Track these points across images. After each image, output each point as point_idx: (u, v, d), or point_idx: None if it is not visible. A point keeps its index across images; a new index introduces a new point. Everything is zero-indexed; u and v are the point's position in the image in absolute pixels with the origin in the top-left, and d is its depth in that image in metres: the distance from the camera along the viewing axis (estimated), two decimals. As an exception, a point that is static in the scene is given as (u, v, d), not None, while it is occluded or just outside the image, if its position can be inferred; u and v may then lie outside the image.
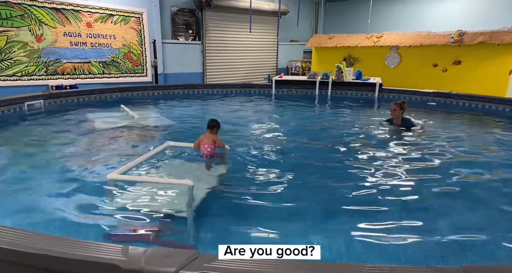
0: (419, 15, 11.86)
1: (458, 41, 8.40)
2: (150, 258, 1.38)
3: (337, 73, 8.90)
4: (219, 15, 11.24)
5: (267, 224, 2.55)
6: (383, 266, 1.36)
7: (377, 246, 2.32)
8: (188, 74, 10.83)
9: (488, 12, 10.30)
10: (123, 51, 9.29)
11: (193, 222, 2.55)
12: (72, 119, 6.17)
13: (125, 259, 1.37)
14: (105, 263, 1.35)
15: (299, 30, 13.28)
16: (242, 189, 3.20)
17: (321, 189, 3.27)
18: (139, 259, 1.38)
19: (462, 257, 2.24)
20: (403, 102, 5.21)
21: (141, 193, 2.97)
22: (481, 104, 7.20)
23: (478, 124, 6.17)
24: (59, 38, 8.10)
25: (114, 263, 1.34)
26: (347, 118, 6.59)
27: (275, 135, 5.19)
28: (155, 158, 3.76)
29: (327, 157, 4.23)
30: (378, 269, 1.34)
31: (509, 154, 4.42)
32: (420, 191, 3.20)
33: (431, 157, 4.10)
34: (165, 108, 7.64)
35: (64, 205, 2.82)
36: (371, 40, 10.00)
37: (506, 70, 8.04)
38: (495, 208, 2.90)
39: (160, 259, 1.38)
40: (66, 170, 3.61)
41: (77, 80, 8.56)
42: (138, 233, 2.44)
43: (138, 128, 5.59)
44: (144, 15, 9.44)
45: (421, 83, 9.04)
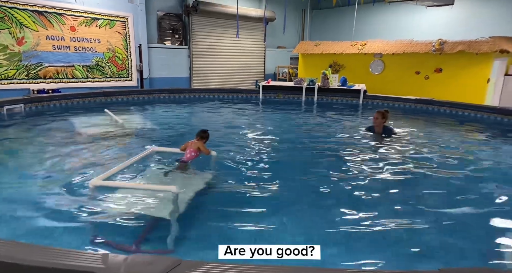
0: (402, 24, 12.20)
1: (439, 50, 8.66)
2: (131, 265, 1.35)
3: (323, 80, 9.02)
4: (206, 20, 11.26)
5: (252, 230, 2.54)
6: (363, 271, 1.37)
7: (358, 248, 2.34)
8: (175, 79, 10.77)
9: (467, 23, 10.69)
10: (108, 55, 9.17)
11: (177, 228, 2.51)
12: (54, 124, 6.02)
13: (105, 267, 1.34)
14: (84, 271, 1.32)
15: (286, 36, 13.43)
16: (227, 195, 3.19)
17: (306, 194, 3.29)
18: (119, 267, 1.35)
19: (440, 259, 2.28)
20: (386, 111, 5.22)
21: (125, 199, 2.91)
22: (460, 111, 7.42)
23: (457, 130, 6.34)
24: (41, 41, 7.94)
25: (92, 272, 1.31)
26: (332, 124, 6.68)
27: (262, 140, 5.20)
28: (139, 163, 3.70)
29: (312, 162, 4.27)
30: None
31: (483, 156, 4.56)
32: (399, 192, 3.26)
33: (409, 161, 4.19)
34: (151, 113, 7.56)
35: (43, 211, 2.74)
36: (356, 48, 10.20)
37: (484, 78, 8.32)
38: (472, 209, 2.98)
39: (141, 266, 1.35)
40: (46, 176, 3.51)
41: (59, 84, 8.38)
42: (120, 240, 2.38)
43: (122, 134, 5.50)
44: (129, 20, 9.37)
45: (404, 90, 9.25)
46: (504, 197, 3.29)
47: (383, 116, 5.15)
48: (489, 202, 3.17)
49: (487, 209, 3.03)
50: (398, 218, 2.77)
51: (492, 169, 4.15)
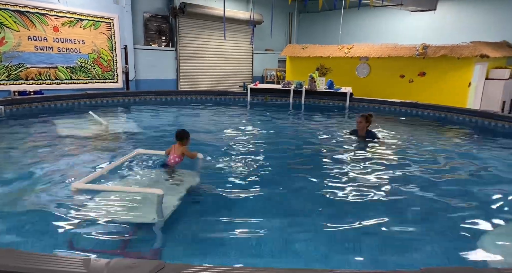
0: (387, 28, 12.43)
1: (423, 54, 8.86)
2: (113, 269, 1.32)
3: (310, 83, 9.09)
4: (193, 22, 11.22)
5: (237, 233, 2.52)
6: (347, 271, 1.38)
7: (341, 247, 2.37)
8: (161, 81, 10.66)
9: (449, 28, 10.98)
10: (93, 57, 9.01)
11: (161, 231, 2.48)
12: (36, 127, 5.87)
13: (86, 272, 1.31)
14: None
15: (274, 39, 13.50)
16: (212, 197, 3.17)
17: (292, 196, 3.30)
18: (101, 271, 1.31)
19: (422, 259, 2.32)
20: (369, 115, 5.19)
21: (108, 202, 2.85)
22: (443, 114, 7.60)
23: (440, 133, 6.49)
24: (23, 42, 7.74)
25: (73, 277, 1.28)
26: (318, 127, 6.73)
27: (248, 143, 5.19)
28: (124, 166, 3.64)
29: (298, 163, 4.30)
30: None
31: (464, 158, 4.68)
32: (381, 194, 3.30)
33: (391, 164, 4.27)
34: (136, 116, 7.46)
35: (23, 216, 2.66)
36: (342, 51, 10.34)
37: (465, 82, 8.55)
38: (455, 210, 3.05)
39: (124, 270, 1.32)
40: (27, 179, 3.41)
41: (42, 86, 8.18)
42: (103, 244, 2.33)
43: (107, 136, 5.40)
44: (115, 21, 9.24)
45: (389, 93, 9.41)
46: (485, 197, 3.38)
47: (366, 120, 5.14)
48: (472, 203, 3.25)
49: (470, 209, 3.10)
50: (379, 220, 2.81)
51: (473, 170, 4.25)
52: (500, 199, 3.29)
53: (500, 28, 10.07)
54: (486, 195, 3.41)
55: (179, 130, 3.73)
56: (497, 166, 4.36)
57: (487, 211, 3.03)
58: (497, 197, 3.34)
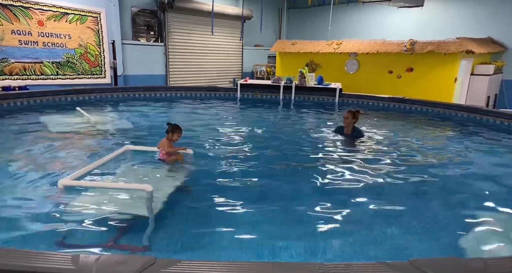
0: (376, 24, 12.51)
1: (410, 50, 8.96)
2: (103, 265, 1.32)
3: (300, 78, 9.12)
4: (182, 17, 11.08)
5: (228, 228, 2.54)
6: (338, 264, 1.40)
7: (332, 245, 2.40)
8: (150, 76, 10.53)
9: (436, 24, 11.13)
10: (79, 52, 8.84)
11: (151, 227, 2.47)
12: (22, 123, 5.74)
13: (75, 268, 1.30)
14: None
15: (264, 35, 13.45)
16: (203, 193, 3.17)
17: (282, 191, 3.33)
18: (90, 267, 1.31)
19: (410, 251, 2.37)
20: (357, 112, 5.09)
21: (96, 199, 2.82)
22: (431, 109, 7.73)
23: (427, 127, 6.60)
24: (6, 36, 7.53)
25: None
26: (308, 122, 6.77)
27: (239, 139, 5.19)
28: (113, 162, 3.61)
29: (288, 159, 4.32)
30: (333, 266, 1.38)
31: (451, 152, 4.79)
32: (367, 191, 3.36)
33: (377, 161, 4.31)
34: (125, 111, 7.37)
35: (9, 212, 2.61)
36: (331, 47, 10.38)
37: (452, 77, 8.70)
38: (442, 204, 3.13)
39: (114, 266, 1.32)
40: (13, 176, 3.35)
41: (27, 81, 7.99)
42: (92, 240, 2.31)
43: (95, 132, 5.33)
44: (102, 15, 9.06)
45: (377, 88, 9.51)
46: (471, 189, 3.47)
47: (353, 116, 5.03)
48: (458, 195, 3.33)
49: (457, 202, 3.18)
50: (367, 216, 2.86)
51: (459, 163, 4.35)
52: (485, 191, 3.38)
53: (485, 24, 10.25)
54: (471, 188, 3.51)
55: (167, 123, 3.77)
56: (482, 159, 4.47)
57: (473, 203, 3.12)
58: (482, 189, 3.43)
